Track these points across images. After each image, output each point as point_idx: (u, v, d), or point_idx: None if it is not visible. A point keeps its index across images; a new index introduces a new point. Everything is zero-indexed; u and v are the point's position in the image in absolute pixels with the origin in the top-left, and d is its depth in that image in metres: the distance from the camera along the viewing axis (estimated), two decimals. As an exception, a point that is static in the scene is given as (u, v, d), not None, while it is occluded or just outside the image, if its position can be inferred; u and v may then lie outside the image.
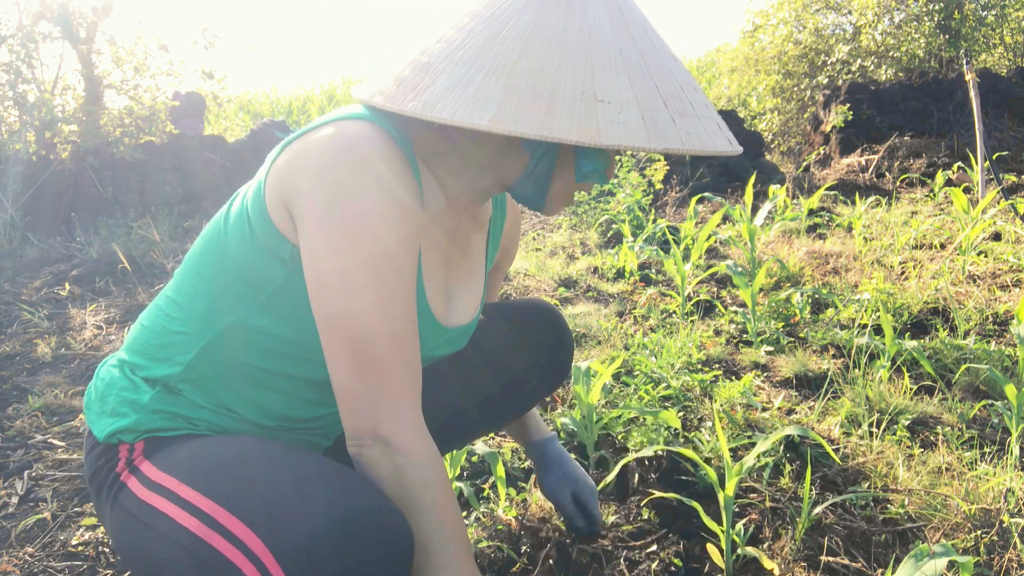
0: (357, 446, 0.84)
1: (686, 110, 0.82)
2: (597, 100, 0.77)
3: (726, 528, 1.27)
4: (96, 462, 0.94)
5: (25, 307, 3.33)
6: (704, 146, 0.81)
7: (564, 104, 0.76)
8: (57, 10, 5.49)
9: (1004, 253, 3.19)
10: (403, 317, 0.84)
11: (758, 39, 9.48)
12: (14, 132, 5.46)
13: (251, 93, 14.14)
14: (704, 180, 6.22)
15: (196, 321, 0.93)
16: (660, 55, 0.85)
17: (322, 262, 0.81)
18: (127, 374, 0.98)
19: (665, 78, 0.83)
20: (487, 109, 0.76)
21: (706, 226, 3.24)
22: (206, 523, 0.76)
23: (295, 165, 0.84)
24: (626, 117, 0.78)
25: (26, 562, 1.47)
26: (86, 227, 5.11)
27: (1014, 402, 1.59)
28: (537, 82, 0.78)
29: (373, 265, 0.80)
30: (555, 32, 0.80)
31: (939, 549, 0.95)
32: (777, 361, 2.26)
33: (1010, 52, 8.34)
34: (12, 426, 2.13)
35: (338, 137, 0.82)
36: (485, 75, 0.78)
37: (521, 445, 1.47)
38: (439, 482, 0.85)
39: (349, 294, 0.80)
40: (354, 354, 0.81)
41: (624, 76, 0.80)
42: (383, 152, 0.82)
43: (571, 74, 0.78)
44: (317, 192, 0.81)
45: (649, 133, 0.77)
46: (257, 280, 0.89)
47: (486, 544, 1.37)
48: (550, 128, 0.75)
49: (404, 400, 0.84)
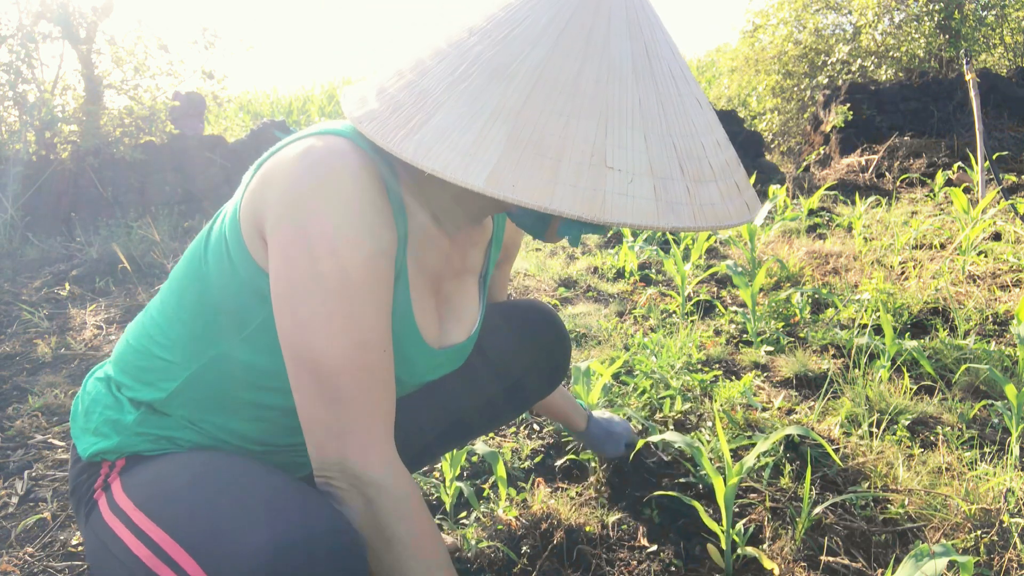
0: (324, 479, 0.81)
1: (703, 174, 0.73)
2: (607, 167, 0.68)
3: (726, 528, 1.27)
4: (78, 477, 0.94)
5: (25, 307, 3.33)
6: (718, 220, 0.72)
7: (569, 168, 0.68)
8: (57, 10, 5.49)
9: (1004, 253, 3.19)
10: (371, 344, 0.79)
11: (758, 39, 9.47)
12: (14, 132, 5.46)
13: (251, 93, 14.14)
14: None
15: (180, 350, 0.91)
16: (683, 101, 0.75)
17: (285, 287, 0.77)
18: (112, 391, 0.96)
19: (685, 132, 0.74)
20: (484, 165, 0.68)
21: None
22: (156, 554, 0.75)
23: (264, 186, 0.80)
24: (636, 188, 0.69)
25: (26, 562, 1.47)
26: (86, 227, 5.12)
27: (1014, 402, 1.59)
28: (543, 136, 0.68)
29: (336, 289, 0.76)
30: (570, 76, 0.71)
31: (939, 549, 0.95)
32: (777, 361, 2.26)
33: (1010, 52, 8.34)
34: (12, 426, 2.13)
35: (309, 153, 0.78)
36: (487, 120, 0.69)
37: (571, 431, 1.60)
38: (414, 512, 0.82)
39: (312, 321, 0.76)
40: (318, 385, 0.78)
41: (640, 134, 0.71)
42: (354, 172, 0.77)
43: (582, 130, 0.69)
44: (282, 210, 0.77)
45: (660, 208, 0.69)
46: (239, 314, 0.86)
47: (486, 544, 1.37)
48: (551, 198, 0.67)
49: (373, 433, 0.80)
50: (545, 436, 1.85)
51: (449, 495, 1.51)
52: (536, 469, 1.70)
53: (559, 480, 1.64)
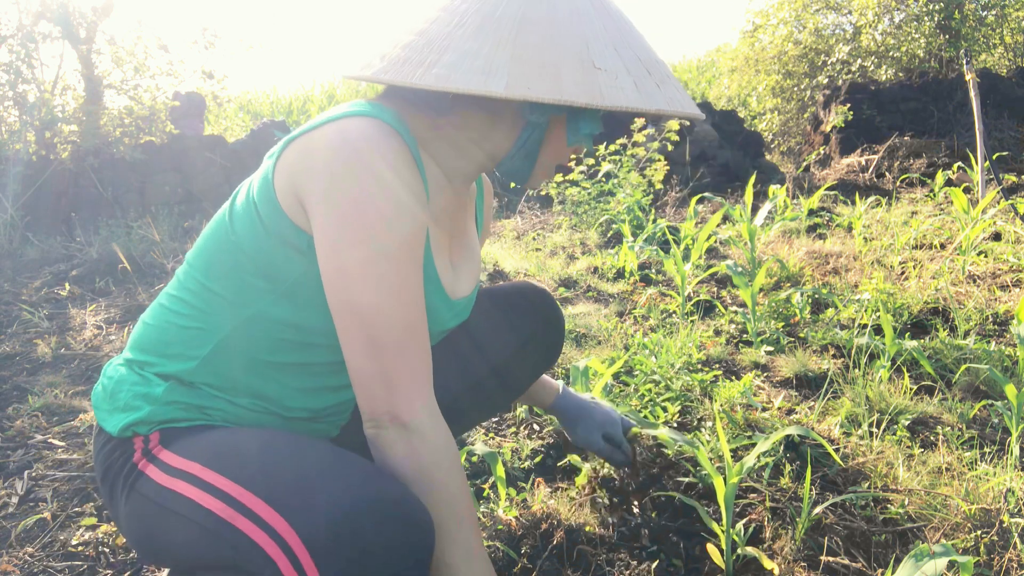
0: (375, 427, 0.87)
1: (664, 79, 0.91)
2: (596, 68, 0.85)
3: (726, 528, 1.27)
4: (110, 457, 0.94)
5: (25, 307, 3.33)
6: (684, 108, 0.91)
7: (569, 71, 0.83)
8: (57, 10, 5.49)
9: (1004, 253, 3.19)
10: (414, 305, 0.88)
11: (758, 39, 9.48)
12: (14, 132, 5.46)
13: (251, 93, 14.14)
14: (704, 180, 6.22)
15: (212, 316, 0.94)
16: (633, 32, 0.94)
17: (336, 259, 0.84)
18: (136, 371, 0.98)
19: (642, 51, 0.92)
20: (500, 77, 0.82)
21: (706, 226, 3.24)
22: (231, 505, 0.78)
23: (305, 165, 0.87)
24: (622, 82, 0.86)
25: (26, 562, 1.47)
26: (86, 227, 5.12)
27: (1014, 402, 1.59)
28: (540, 53, 0.84)
29: (384, 260, 0.84)
30: (547, 11, 0.88)
31: (939, 549, 0.95)
32: (777, 361, 2.26)
33: (1010, 52, 8.34)
34: (12, 426, 2.13)
35: (351, 130, 0.85)
36: (491, 48, 0.84)
37: (542, 411, 1.56)
38: (452, 463, 0.89)
39: (363, 287, 0.84)
40: (369, 341, 0.85)
41: (612, 48, 0.88)
42: (387, 150, 0.86)
43: (569, 46, 0.86)
44: (328, 193, 0.84)
45: (642, 96, 0.86)
46: (276, 271, 0.91)
47: (486, 544, 1.37)
48: (561, 92, 0.82)
49: (418, 383, 0.88)
50: (545, 436, 1.85)
51: (449, 495, 1.50)
52: (536, 469, 1.70)
53: (559, 480, 1.64)
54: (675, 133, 5.28)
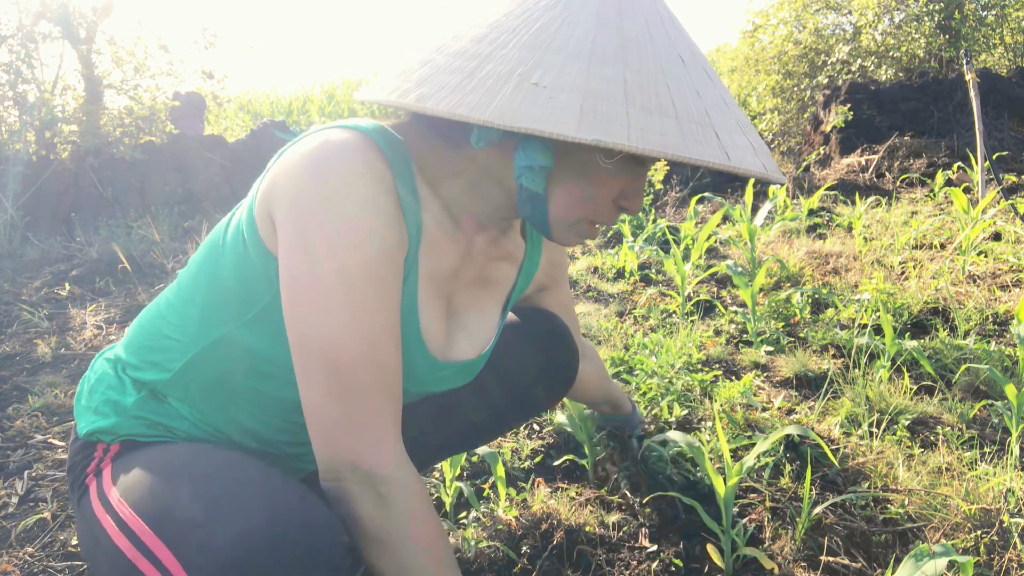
0: (334, 478, 0.80)
1: (659, 108, 0.71)
2: (530, 83, 0.71)
3: (726, 528, 1.27)
4: (75, 456, 0.95)
5: (25, 307, 3.33)
6: (667, 148, 0.68)
7: (490, 84, 0.71)
8: (57, 10, 5.49)
9: (1004, 253, 3.19)
10: (381, 340, 0.79)
11: (758, 39, 9.47)
12: (14, 132, 5.46)
13: (251, 93, 14.14)
14: (704, 180, 6.22)
15: (188, 330, 0.91)
16: (654, 52, 0.75)
17: (290, 281, 0.78)
18: (118, 372, 0.97)
19: (644, 73, 0.73)
20: (415, 87, 0.74)
21: (706, 226, 3.24)
22: (137, 547, 0.75)
23: (279, 174, 0.81)
24: (561, 102, 0.69)
25: (26, 562, 1.47)
26: (86, 227, 5.11)
27: (1014, 402, 1.59)
28: (478, 65, 0.73)
29: (342, 283, 0.76)
30: (526, 18, 0.76)
31: (939, 549, 0.95)
32: (777, 361, 2.26)
33: (1010, 52, 8.34)
34: (12, 426, 2.12)
35: (322, 146, 0.79)
36: (440, 56, 0.76)
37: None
38: (425, 511, 0.82)
39: (324, 310, 0.76)
40: (331, 379, 0.77)
41: (582, 64, 0.71)
42: (365, 165, 0.78)
43: (515, 57, 0.73)
44: (293, 200, 0.78)
45: (583, 121, 0.67)
46: (247, 296, 0.86)
47: (486, 544, 1.37)
48: (459, 105, 0.70)
49: (386, 429, 0.80)
50: (545, 436, 1.85)
51: (449, 495, 1.51)
52: (536, 469, 1.70)
53: (559, 480, 1.64)
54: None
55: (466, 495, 1.46)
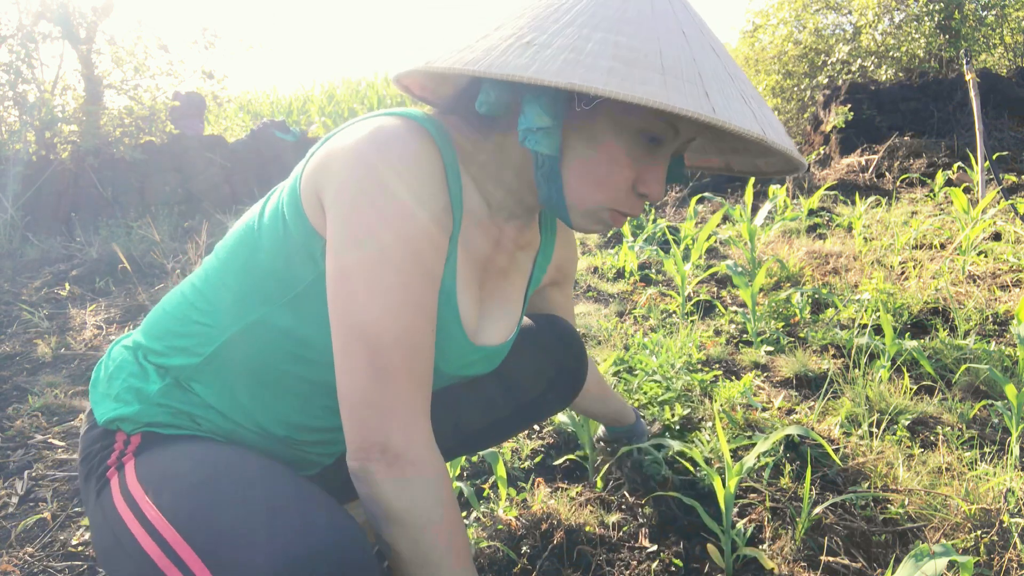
0: (362, 459, 0.80)
1: (649, 63, 0.72)
2: (524, 43, 0.73)
3: (726, 528, 1.27)
4: (92, 445, 0.92)
5: (25, 307, 3.33)
6: (629, 89, 0.68)
7: (485, 44, 0.76)
8: (57, 10, 5.49)
9: (1004, 253, 3.19)
10: (421, 325, 0.81)
11: (758, 39, 9.47)
12: (14, 132, 5.46)
13: (251, 93, 14.15)
14: (704, 180, 6.22)
15: (221, 314, 0.91)
16: (657, 24, 0.77)
17: (336, 260, 0.79)
18: (139, 359, 0.95)
19: (644, 38, 0.75)
20: (430, 55, 0.78)
21: (706, 226, 3.24)
22: (166, 553, 0.74)
23: (331, 158, 0.82)
24: (546, 55, 0.72)
25: (26, 562, 1.47)
26: (86, 227, 5.11)
27: (1014, 402, 1.59)
28: (484, 32, 0.78)
29: (386, 268, 0.78)
30: (541, 3, 0.80)
31: (939, 549, 0.95)
32: (777, 361, 2.26)
33: (1010, 52, 8.34)
34: (12, 426, 2.12)
35: (375, 133, 0.81)
36: (460, 33, 0.80)
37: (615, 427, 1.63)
38: (449, 499, 0.82)
39: (363, 296, 0.78)
40: (370, 359, 0.78)
41: (578, 29, 0.74)
42: (417, 151, 0.81)
43: (518, 26, 0.77)
44: (346, 185, 0.79)
45: (564, 68, 0.70)
46: (286, 277, 0.87)
47: (486, 544, 1.37)
48: (457, 61, 0.75)
49: (416, 412, 0.81)
50: (545, 436, 1.85)
51: (449, 495, 1.50)
52: (536, 469, 1.70)
53: (559, 480, 1.64)
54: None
55: (466, 495, 1.46)
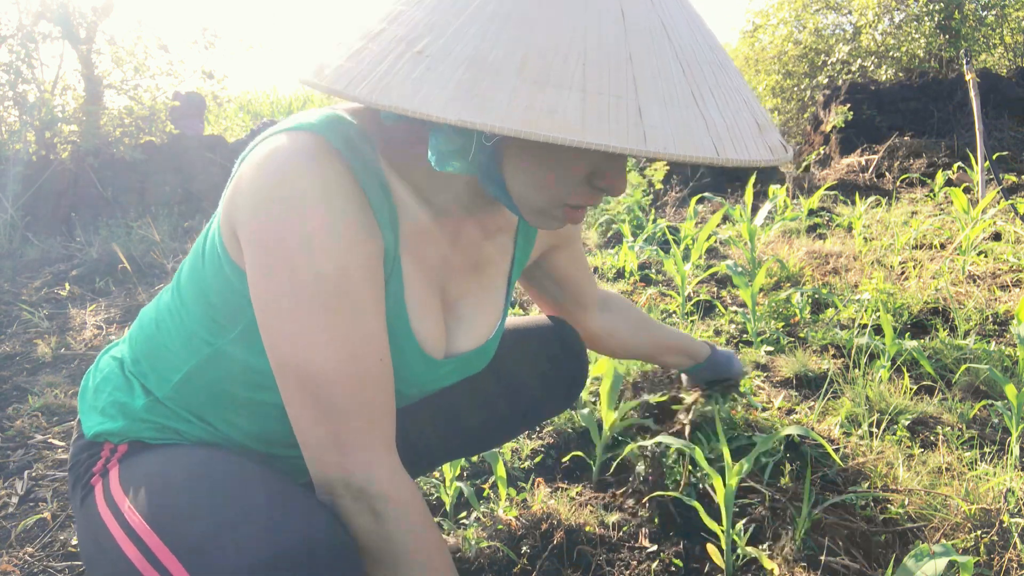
0: (329, 495, 0.78)
1: (564, 80, 0.59)
2: (415, 52, 0.62)
3: (726, 528, 1.27)
4: (79, 454, 0.92)
5: (25, 307, 3.33)
6: (533, 125, 0.56)
7: (376, 51, 0.64)
8: (57, 10, 5.49)
9: (1004, 253, 3.19)
10: (362, 355, 0.76)
11: (758, 39, 9.48)
12: (14, 132, 5.46)
13: (251, 93, 14.14)
14: (704, 180, 6.22)
15: (182, 343, 0.89)
16: (588, 9, 0.63)
17: (263, 300, 0.75)
18: (125, 372, 0.95)
19: (563, 35, 0.61)
20: (319, 62, 0.68)
21: (706, 226, 3.24)
22: (146, 556, 0.74)
23: (236, 191, 0.77)
24: (438, 73, 0.59)
25: (26, 562, 1.47)
26: (86, 227, 5.11)
27: (1014, 402, 1.59)
28: (373, 18, 0.67)
29: (315, 301, 0.72)
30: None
31: (939, 549, 0.95)
32: (777, 361, 2.26)
33: (1010, 52, 8.34)
34: (12, 426, 2.13)
35: (274, 156, 0.73)
36: (352, 31, 0.69)
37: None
38: (422, 525, 0.80)
39: (294, 334, 0.73)
40: (311, 399, 0.75)
41: (482, 26, 0.61)
42: (322, 175, 0.72)
43: (409, 12, 0.65)
44: (252, 226, 0.74)
45: (457, 95, 0.58)
46: (232, 311, 0.83)
47: (486, 544, 1.37)
48: (338, 79, 0.64)
49: (375, 444, 0.77)
50: (545, 436, 1.85)
51: (449, 495, 1.51)
52: (536, 469, 1.70)
53: (559, 480, 1.64)
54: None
55: (466, 495, 1.46)
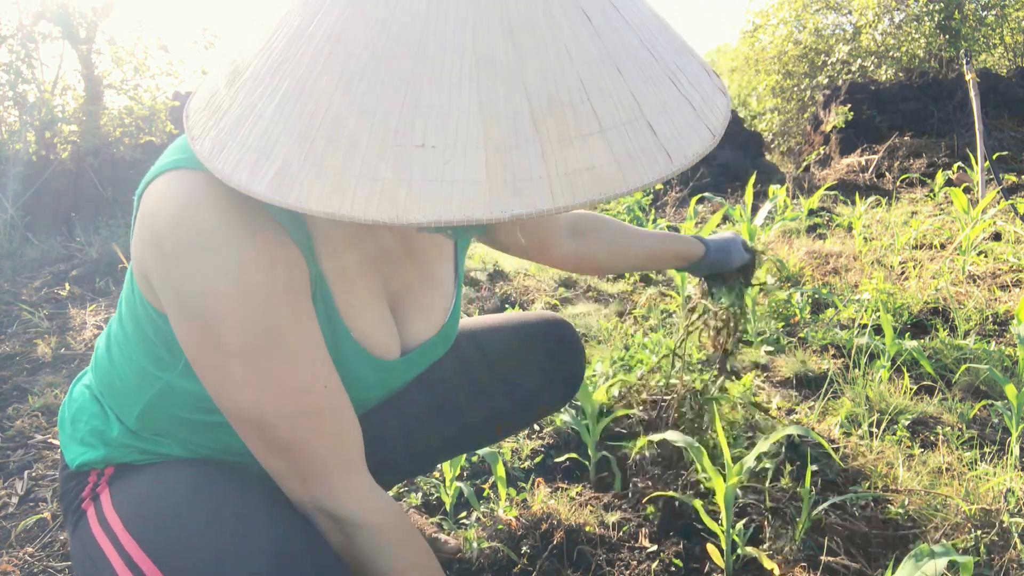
0: (307, 515, 0.80)
1: (579, 129, 0.52)
2: (415, 146, 0.51)
3: (726, 528, 1.27)
4: (67, 484, 0.93)
5: (25, 307, 3.33)
6: (601, 189, 0.51)
7: (367, 156, 0.51)
8: (57, 10, 5.48)
9: (1004, 253, 3.19)
10: (303, 391, 0.74)
11: (758, 39, 9.48)
12: (14, 132, 5.46)
13: (251, 93, 14.12)
14: (704, 180, 6.22)
15: (134, 377, 0.87)
16: (554, 28, 0.53)
17: (190, 354, 0.73)
18: (97, 400, 0.94)
19: (557, 75, 0.52)
20: (272, 162, 0.54)
21: (706, 226, 3.24)
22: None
23: (140, 238, 0.73)
24: (457, 171, 0.50)
25: (26, 562, 1.47)
26: (86, 227, 5.11)
27: (1014, 402, 1.59)
28: (337, 115, 0.52)
29: (237, 350, 0.70)
30: (376, 16, 0.53)
31: (939, 549, 0.96)
32: (777, 361, 2.26)
33: (1010, 52, 8.34)
34: (12, 426, 2.13)
35: (165, 207, 0.69)
36: (279, 102, 0.55)
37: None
38: (395, 542, 0.81)
39: (230, 381, 0.72)
40: (262, 439, 0.75)
41: (471, 87, 0.51)
42: (223, 213, 0.67)
43: (385, 98, 0.52)
44: (162, 284, 0.71)
45: (494, 191, 0.50)
46: (169, 348, 0.80)
47: (486, 544, 1.37)
48: (340, 204, 0.51)
49: (334, 472, 0.77)
50: (545, 436, 1.85)
51: (449, 495, 1.51)
52: (536, 469, 1.70)
53: (559, 480, 1.64)
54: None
55: (466, 495, 1.46)
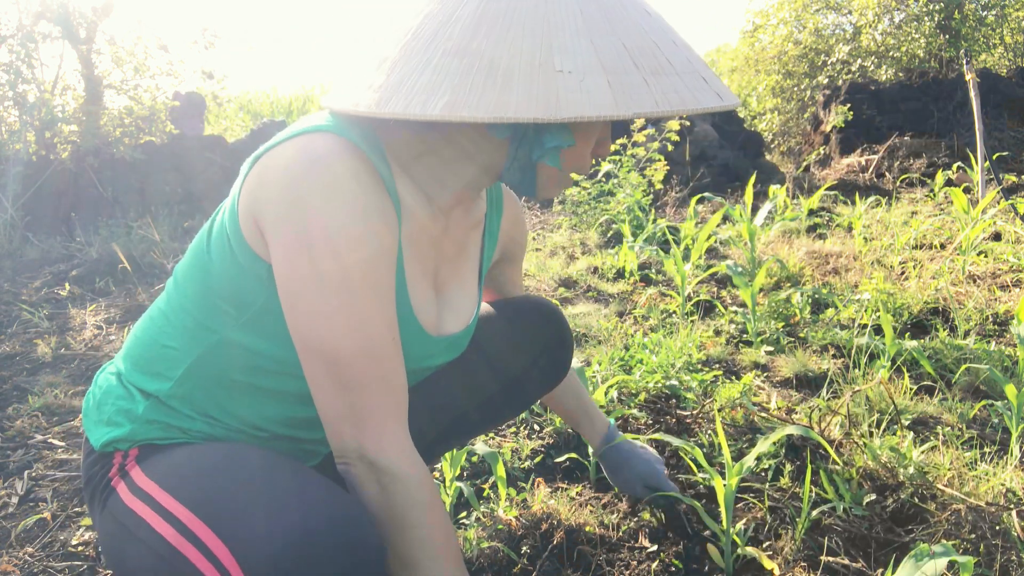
0: (344, 464, 0.86)
1: (662, 67, 0.77)
2: (556, 71, 0.72)
3: (726, 528, 1.27)
4: (91, 469, 0.94)
5: (25, 307, 3.33)
6: (685, 104, 0.75)
7: (521, 79, 0.72)
8: (57, 10, 5.48)
9: (1004, 253, 3.19)
10: (379, 336, 0.83)
11: (758, 39, 9.47)
12: (14, 132, 5.46)
13: (251, 93, 14.12)
14: (704, 180, 6.22)
15: (184, 337, 0.92)
16: (628, 11, 0.80)
17: (291, 284, 0.81)
18: (123, 383, 0.97)
19: (635, 35, 0.78)
20: (441, 96, 0.73)
21: (706, 226, 3.24)
22: (181, 532, 0.77)
23: (262, 184, 0.82)
24: (590, 84, 0.72)
25: (26, 562, 1.47)
26: (86, 227, 5.11)
27: (1014, 402, 1.59)
28: (492, 60, 0.73)
29: (342, 286, 0.79)
30: (508, 4, 0.76)
31: (939, 549, 0.95)
32: (777, 361, 2.26)
33: (1010, 52, 8.34)
34: (12, 426, 2.13)
35: (303, 155, 0.80)
36: (439, 60, 0.75)
37: (587, 442, 1.51)
38: (426, 500, 0.86)
39: (320, 316, 0.80)
40: (331, 375, 0.82)
41: (586, 39, 0.75)
42: (348, 168, 0.80)
43: (527, 46, 0.74)
44: (283, 214, 0.79)
45: (617, 98, 0.72)
46: (240, 299, 0.88)
47: (486, 544, 1.37)
48: (505, 108, 0.71)
49: (387, 419, 0.85)
50: (545, 436, 1.85)
51: (449, 495, 1.51)
52: (536, 469, 1.70)
53: (559, 480, 1.64)
54: (675, 133, 5.28)
55: (466, 495, 1.46)
